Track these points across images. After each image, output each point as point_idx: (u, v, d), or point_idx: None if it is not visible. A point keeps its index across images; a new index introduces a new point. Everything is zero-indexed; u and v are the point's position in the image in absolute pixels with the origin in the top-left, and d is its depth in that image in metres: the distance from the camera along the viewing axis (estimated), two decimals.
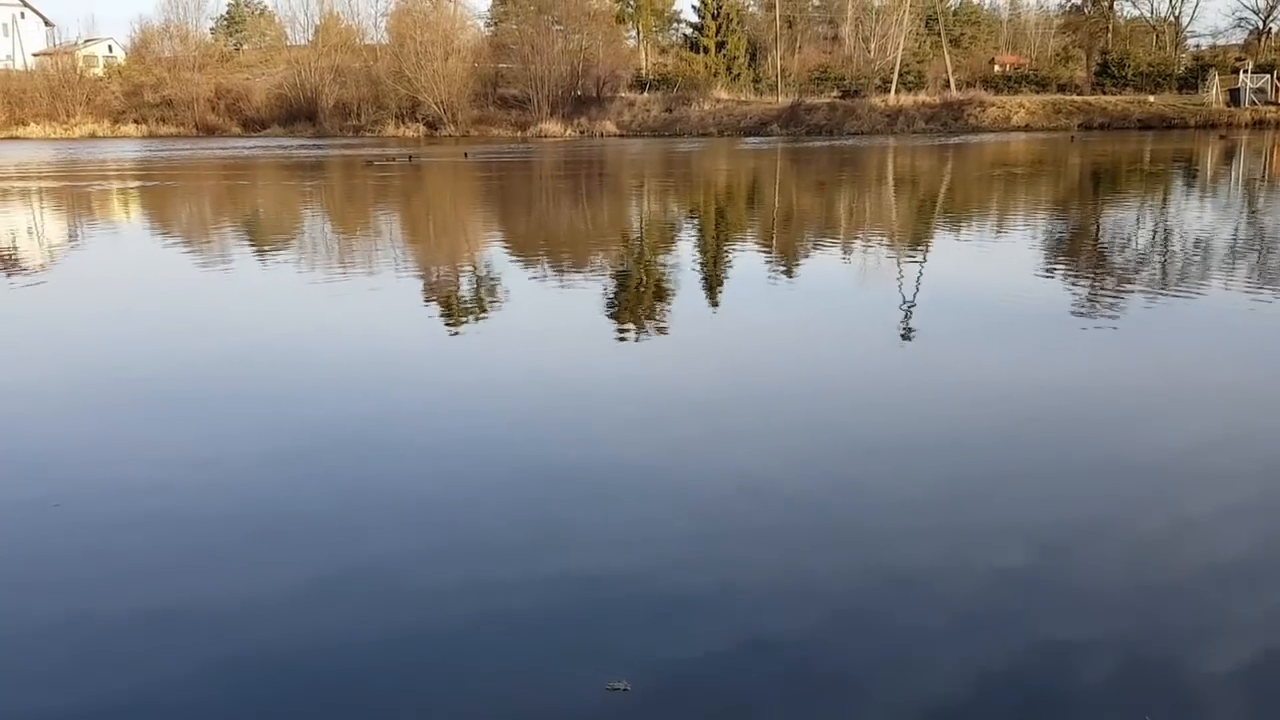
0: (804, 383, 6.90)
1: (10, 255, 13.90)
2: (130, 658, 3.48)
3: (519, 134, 64.34)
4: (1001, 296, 10.08)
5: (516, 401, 6.46)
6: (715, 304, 10.12)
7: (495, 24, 76.33)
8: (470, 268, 12.85)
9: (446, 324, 9.17)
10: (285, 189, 26.73)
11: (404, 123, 66.91)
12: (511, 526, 4.50)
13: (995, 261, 12.75)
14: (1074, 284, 10.87)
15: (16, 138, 64.92)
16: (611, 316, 9.41)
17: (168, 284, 11.65)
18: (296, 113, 68.87)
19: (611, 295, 10.38)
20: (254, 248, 14.78)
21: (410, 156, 37.75)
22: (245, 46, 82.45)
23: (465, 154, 40.61)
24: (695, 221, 18.12)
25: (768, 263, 12.93)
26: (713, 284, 11.27)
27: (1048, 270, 11.87)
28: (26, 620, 3.74)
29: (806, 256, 13.40)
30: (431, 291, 10.95)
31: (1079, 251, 13.56)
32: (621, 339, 8.44)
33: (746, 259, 13.30)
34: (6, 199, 23.65)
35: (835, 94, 65.44)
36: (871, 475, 5.10)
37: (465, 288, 11.24)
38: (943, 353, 7.74)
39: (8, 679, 3.36)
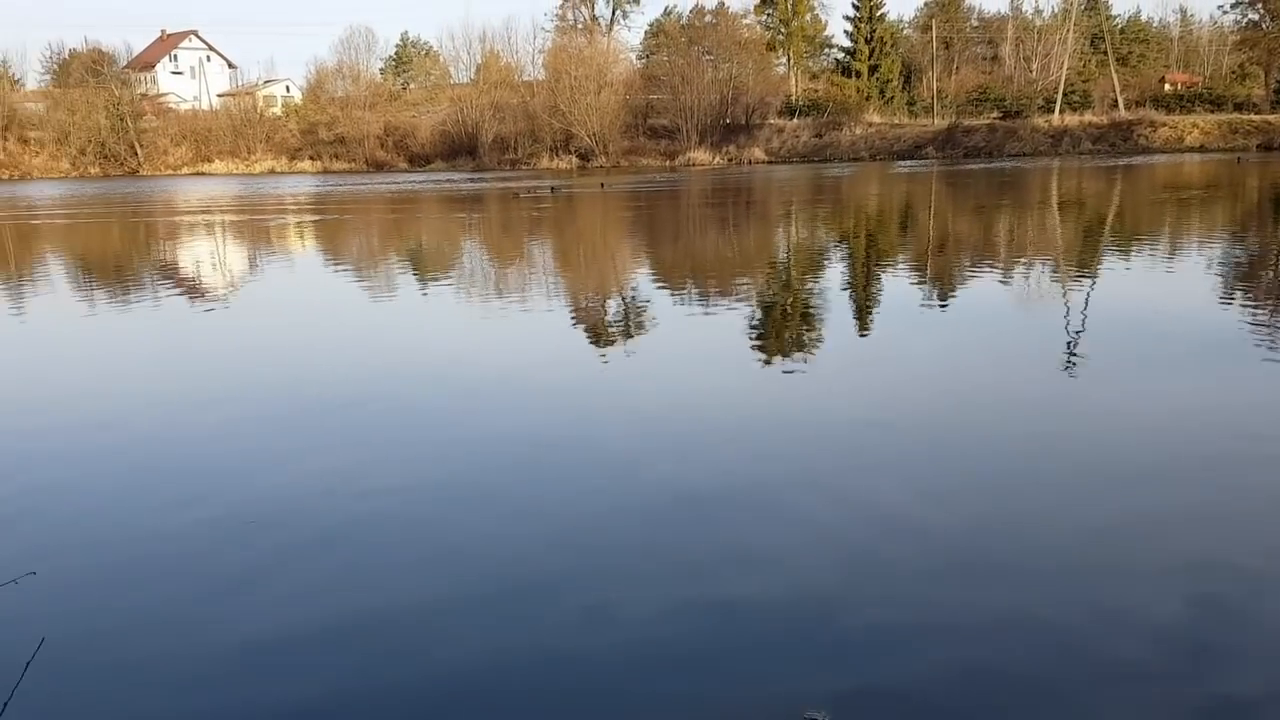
0: (967, 413, 6.68)
1: (197, 282, 14.93)
2: (308, 669, 3.63)
3: (667, 163, 65.02)
4: (1173, 326, 9.54)
5: (668, 426, 6.50)
6: (865, 331, 9.94)
7: (647, 56, 77.62)
8: (618, 295, 13.03)
9: (596, 351, 9.32)
10: (444, 220, 27.79)
11: (557, 155, 68.69)
12: (694, 547, 4.52)
13: (1166, 289, 12.08)
14: (1253, 313, 10.19)
15: (203, 173, 69.83)
16: (758, 343, 9.37)
17: (337, 310, 12.27)
18: (458, 148, 71.66)
19: (757, 322, 10.34)
20: (416, 276, 15.42)
21: (553, 188, 38.77)
22: (412, 85, 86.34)
23: (602, 184, 41.53)
24: (845, 247, 17.88)
25: (921, 289, 12.62)
26: (863, 311, 11.08)
27: (1224, 298, 11.17)
28: (211, 629, 3.97)
29: (962, 283, 13.02)
30: (581, 319, 11.15)
31: (1258, 279, 12.70)
32: (768, 366, 8.38)
33: (898, 285, 13.02)
34: (194, 231, 25.45)
35: (995, 115, 63.57)
36: (1053, 507, 4.90)
37: (613, 315, 11.40)
38: (1112, 384, 7.37)
39: (194, 684, 3.58)
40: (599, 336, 9.95)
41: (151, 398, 7.74)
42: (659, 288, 13.51)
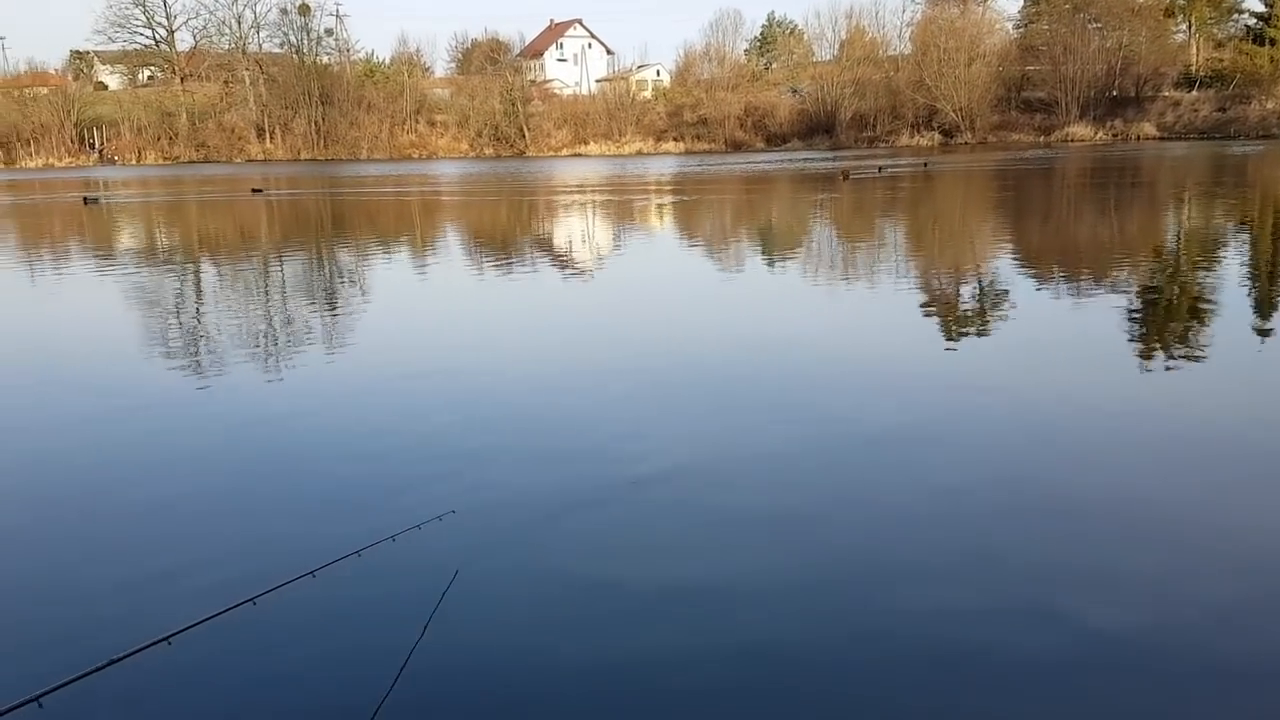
0: None
1: (568, 256, 16.16)
2: (637, 624, 3.86)
3: (1041, 139, 61.12)
4: None
5: (1010, 420, 6.19)
6: (1265, 332, 8.80)
7: (1025, 25, 73.07)
8: (974, 281, 12.43)
9: (946, 339, 9.00)
10: (792, 201, 27.89)
11: (919, 131, 66.64)
12: (1033, 555, 4.33)
13: None
14: None
15: (580, 155, 74.94)
16: (1137, 339, 8.59)
17: (687, 288, 12.78)
18: (815, 126, 71.57)
19: (1135, 315, 9.46)
20: (763, 256, 15.68)
21: (880, 168, 38.03)
22: (774, 65, 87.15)
23: (925, 164, 40.70)
24: (1246, 235, 15.86)
25: None
26: (1264, 307, 9.80)
27: None
28: (549, 584, 4.31)
29: None
30: (927, 306, 10.77)
31: None
32: (1148, 365, 7.67)
33: None
34: (568, 209, 27.46)
35: None
36: None
37: (966, 301, 10.90)
38: None
39: (567, 627, 3.94)
40: (946, 324, 9.58)
41: (531, 358, 8.48)
42: (1019, 274, 12.74)
